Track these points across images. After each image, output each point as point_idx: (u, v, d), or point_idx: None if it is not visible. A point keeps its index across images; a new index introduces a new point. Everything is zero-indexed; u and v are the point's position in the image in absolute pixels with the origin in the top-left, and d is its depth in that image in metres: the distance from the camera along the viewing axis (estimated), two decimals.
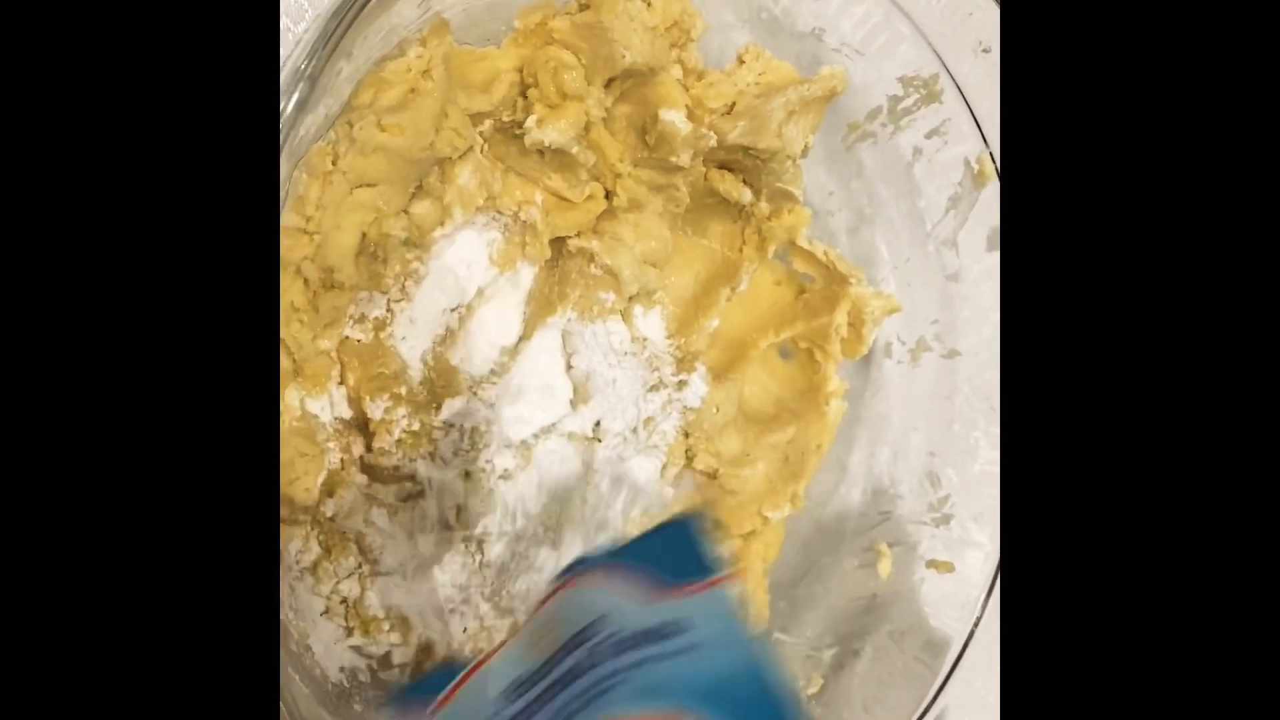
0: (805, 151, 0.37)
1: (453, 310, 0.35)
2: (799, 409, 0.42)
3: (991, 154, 0.37)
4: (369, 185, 0.29)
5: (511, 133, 0.33)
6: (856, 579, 0.41)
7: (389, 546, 0.32)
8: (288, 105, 0.24)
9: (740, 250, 0.40)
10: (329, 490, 0.31)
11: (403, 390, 0.33)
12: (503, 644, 0.27)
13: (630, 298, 0.37)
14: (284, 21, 0.29)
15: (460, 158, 0.32)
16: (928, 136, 0.38)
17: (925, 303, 0.42)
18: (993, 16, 0.33)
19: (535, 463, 0.35)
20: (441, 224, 0.33)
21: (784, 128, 0.36)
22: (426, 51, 0.30)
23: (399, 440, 0.32)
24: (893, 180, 0.41)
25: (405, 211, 0.31)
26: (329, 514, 0.31)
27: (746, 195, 0.38)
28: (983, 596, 0.38)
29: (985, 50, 0.35)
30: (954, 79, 0.36)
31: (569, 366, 0.37)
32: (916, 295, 0.42)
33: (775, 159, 0.36)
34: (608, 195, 0.36)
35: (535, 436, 0.36)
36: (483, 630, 0.35)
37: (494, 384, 0.35)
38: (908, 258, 0.41)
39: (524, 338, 0.36)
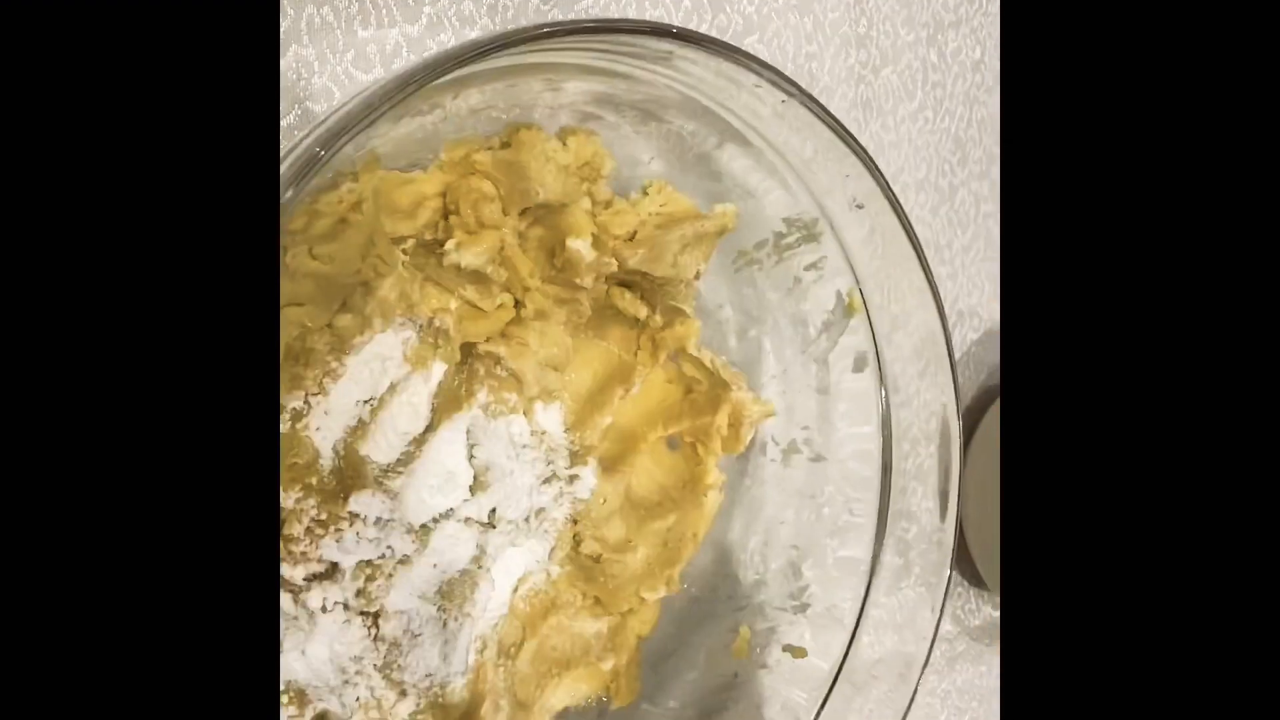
0: (698, 276, 0.42)
1: (365, 402, 0.38)
2: (680, 498, 0.46)
3: (860, 290, 0.42)
4: (297, 305, 0.32)
5: (432, 249, 0.37)
6: (720, 657, 0.45)
7: (291, 627, 0.35)
8: None
9: (635, 355, 0.44)
10: None
11: (314, 480, 0.36)
12: None
13: (531, 398, 0.41)
14: None
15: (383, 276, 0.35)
16: (806, 269, 0.43)
17: (799, 410, 0.46)
18: (865, 183, 0.38)
19: (432, 546, 0.38)
20: (362, 333, 0.36)
21: (679, 257, 0.40)
22: (358, 186, 0.33)
23: (307, 529, 0.35)
24: (779, 298, 0.45)
25: (329, 325, 0.34)
26: None
27: (643, 311, 0.42)
28: (829, 681, 0.43)
29: (858, 206, 0.39)
30: (831, 224, 0.41)
31: (471, 457, 0.40)
32: (792, 402, 0.46)
33: (670, 283, 0.40)
34: (517, 305, 0.40)
35: (434, 521, 0.39)
36: (373, 699, 0.38)
37: (399, 473, 0.38)
38: (784, 369, 0.46)
39: (430, 429, 0.39)
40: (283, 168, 0.27)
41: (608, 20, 0.34)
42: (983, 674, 0.63)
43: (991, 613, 0.62)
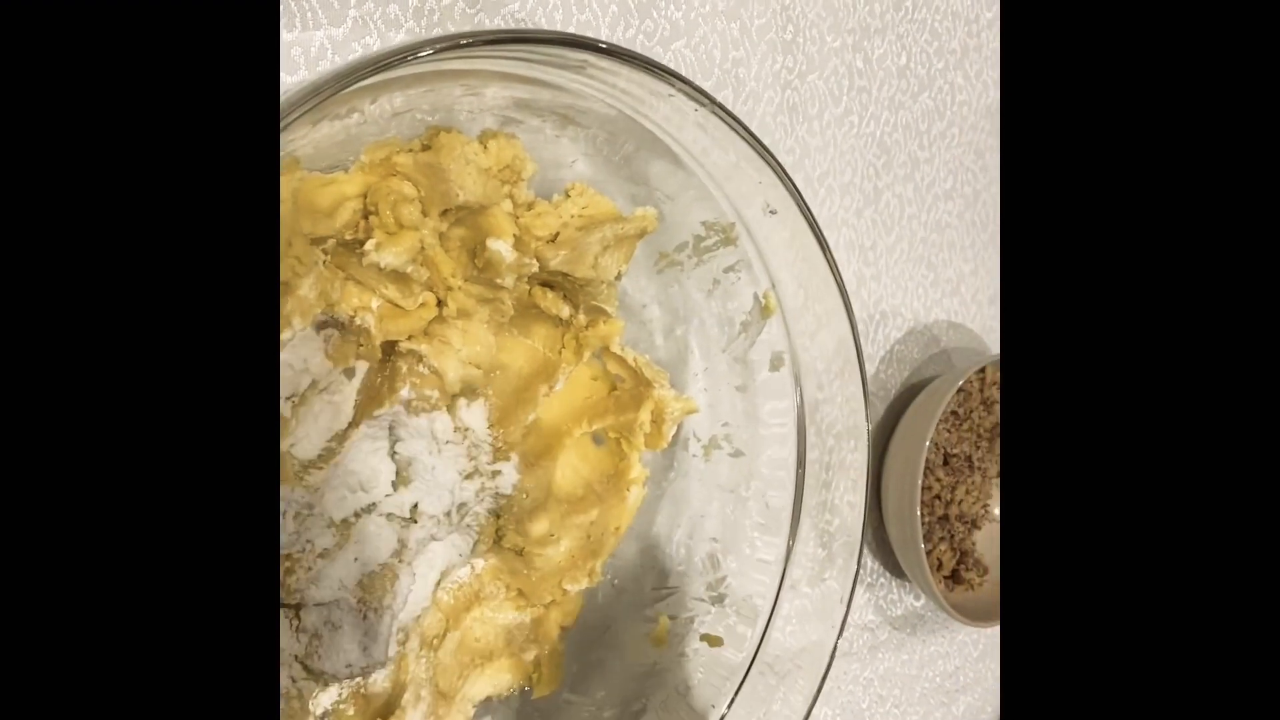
0: (619, 277, 0.43)
1: (287, 399, 0.38)
2: (603, 492, 0.47)
3: (774, 291, 0.44)
4: None
5: (352, 249, 0.37)
6: (641, 646, 0.46)
7: None
8: None
9: (559, 353, 0.45)
10: None
11: None
12: None
13: (453, 395, 0.41)
14: None
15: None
16: (725, 271, 0.44)
17: (721, 407, 0.48)
18: (777, 190, 0.39)
19: (354, 540, 0.39)
20: (282, 332, 0.36)
21: (599, 259, 0.41)
22: None
23: None
24: (702, 298, 0.47)
25: None
26: None
27: (565, 311, 0.43)
28: (744, 671, 0.44)
29: (772, 212, 0.41)
30: (747, 228, 0.42)
31: (394, 453, 0.41)
32: (714, 399, 0.48)
33: (591, 284, 0.41)
34: (439, 303, 0.40)
35: (356, 516, 0.40)
36: (295, 689, 0.39)
37: (321, 469, 0.39)
38: (708, 367, 0.47)
39: (353, 425, 0.40)
40: None
41: (523, 31, 0.35)
42: (904, 662, 0.65)
43: (912, 602, 0.65)
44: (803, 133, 0.55)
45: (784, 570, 0.46)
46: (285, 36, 0.38)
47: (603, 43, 0.33)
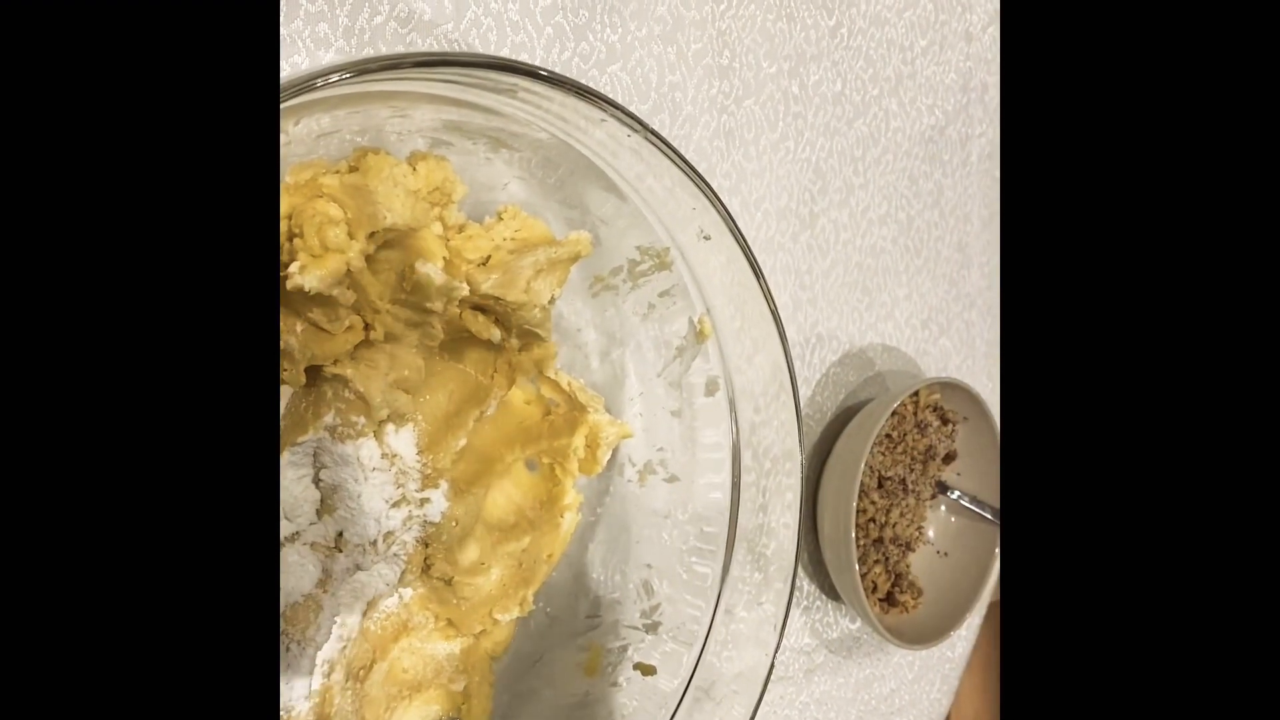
0: (552, 301, 0.42)
1: None
2: (536, 519, 0.46)
3: (709, 316, 0.44)
4: None
5: None
6: (573, 676, 0.46)
7: None
8: None
9: (491, 378, 0.44)
10: None
11: None
12: None
13: (380, 421, 0.41)
14: None
15: None
16: (660, 295, 0.44)
17: (657, 432, 0.47)
18: (711, 216, 0.39)
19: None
20: None
21: (531, 283, 0.40)
22: None
23: None
24: (639, 322, 0.46)
25: None
26: None
27: (497, 335, 0.42)
28: (678, 699, 0.44)
29: (706, 237, 0.41)
30: (681, 253, 0.42)
31: (318, 480, 0.40)
32: (650, 424, 0.47)
33: (524, 308, 0.41)
34: (366, 327, 0.39)
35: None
36: None
37: None
38: (643, 391, 0.47)
39: None
40: None
41: (452, 54, 0.34)
42: (840, 685, 0.65)
43: (848, 625, 0.65)
44: (739, 157, 0.55)
45: (719, 595, 0.45)
46: None
47: (534, 67, 0.33)
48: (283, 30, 0.39)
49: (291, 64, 0.39)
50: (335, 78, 0.27)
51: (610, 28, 0.48)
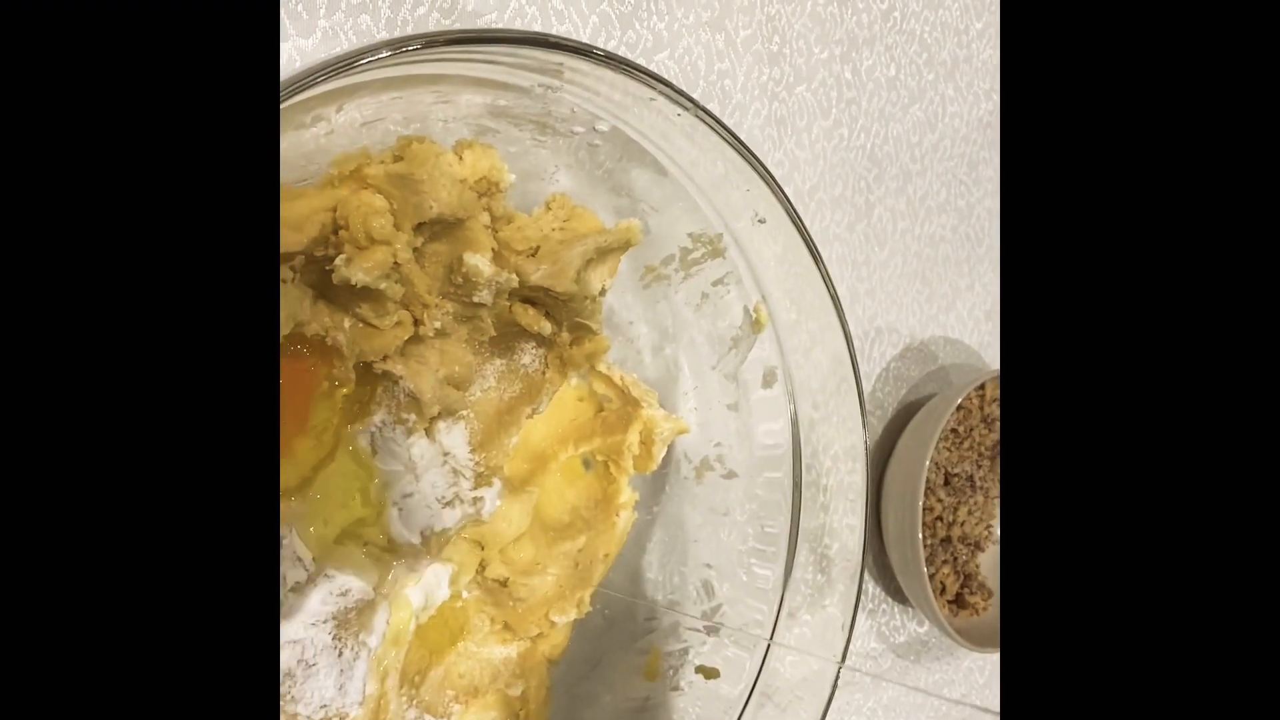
0: (603, 292, 0.41)
1: None
2: (591, 518, 0.45)
3: (766, 304, 0.42)
4: None
5: (322, 265, 0.36)
6: (632, 680, 0.44)
7: None
8: None
9: (543, 373, 0.43)
10: None
11: None
12: None
13: (432, 418, 0.40)
14: None
15: None
16: (714, 284, 0.43)
17: (713, 426, 0.46)
18: (766, 199, 0.38)
19: (326, 572, 0.37)
20: None
21: (582, 273, 0.39)
22: None
23: None
24: (691, 314, 0.45)
25: None
26: None
27: (547, 328, 0.41)
28: (742, 704, 0.42)
29: (761, 221, 0.39)
30: (735, 239, 0.41)
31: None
32: (706, 418, 0.46)
33: (574, 299, 0.40)
34: (415, 322, 0.39)
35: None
36: None
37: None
38: (698, 385, 0.46)
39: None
40: None
41: (494, 31, 0.33)
42: (906, 690, 0.63)
43: (916, 628, 0.62)
44: (791, 145, 0.54)
45: (782, 597, 0.44)
46: None
47: (580, 43, 0.32)
48: (324, 22, 0.39)
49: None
50: (384, 54, 0.26)
51: (657, 15, 0.47)
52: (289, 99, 0.26)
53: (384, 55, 0.27)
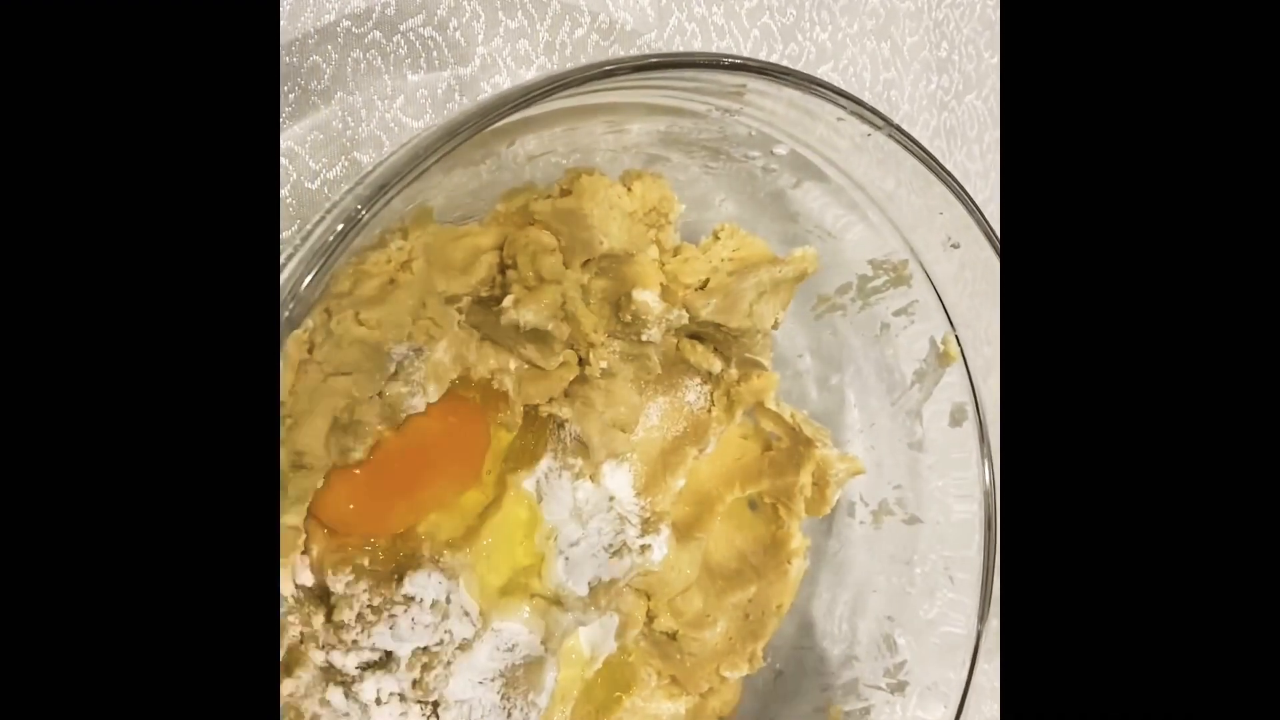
0: (776, 326, 0.38)
1: None
2: (761, 566, 0.42)
3: (956, 336, 0.39)
4: (343, 374, 0.30)
5: (489, 306, 0.34)
6: None
7: None
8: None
9: (709, 411, 0.40)
10: (287, 669, 0.31)
11: (365, 561, 0.33)
12: None
13: (598, 462, 0.38)
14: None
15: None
16: (895, 314, 0.39)
17: (889, 468, 0.42)
18: (959, 214, 0.34)
19: (494, 628, 0.35)
20: (414, 397, 0.33)
21: (755, 306, 0.37)
22: (407, 244, 0.30)
23: (359, 615, 0.32)
24: (863, 344, 0.42)
25: (380, 394, 0.31)
26: (286, 693, 0.31)
27: (717, 365, 0.38)
28: None
29: (954, 246, 0.36)
30: (923, 266, 0.37)
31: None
32: (881, 458, 0.43)
33: (745, 334, 0.37)
34: (581, 362, 0.37)
35: None
36: None
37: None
38: (873, 422, 0.42)
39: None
40: (321, 228, 0.25)
41: (676, 54, 0.31)
42: None
43: None
44: (961, 157, 0.50)
45: (974, 653, 0.40)
46: (410, 78, 0.36)
47: (764, 63, 0.29)
48: (482, 49, 0.37)
49: (493, 85, 0.37)
50: (564, 84, 0.24)
51: (819, 25, 0.44)
52: (478, 132, 0.24)
53: (559, 85, 0.25)
